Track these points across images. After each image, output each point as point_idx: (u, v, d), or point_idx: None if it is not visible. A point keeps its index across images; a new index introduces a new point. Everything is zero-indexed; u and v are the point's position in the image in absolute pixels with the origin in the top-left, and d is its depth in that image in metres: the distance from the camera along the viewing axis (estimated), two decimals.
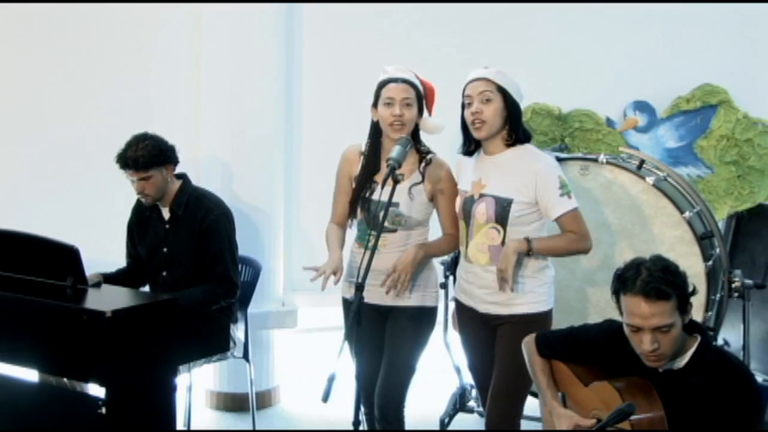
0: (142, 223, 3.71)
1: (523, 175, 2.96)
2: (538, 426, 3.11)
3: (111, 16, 4.25)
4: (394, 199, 3.03)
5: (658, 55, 4.60)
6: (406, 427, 3.17)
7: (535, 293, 3.00)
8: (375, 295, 3.09)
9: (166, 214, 3.64)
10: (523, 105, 3.05)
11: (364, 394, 3.11)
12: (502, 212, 2.96)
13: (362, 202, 3.16)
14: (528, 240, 2.93)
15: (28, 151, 4.29)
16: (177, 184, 3.63)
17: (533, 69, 4.38)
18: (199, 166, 3.94)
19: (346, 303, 3.26)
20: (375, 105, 3.14)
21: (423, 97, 3.14)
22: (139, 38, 4.30)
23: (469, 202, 3.04)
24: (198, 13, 4.27)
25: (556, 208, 2.95)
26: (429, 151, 3.18)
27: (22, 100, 4.26)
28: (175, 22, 4.32)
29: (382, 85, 3.12)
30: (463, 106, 3.03)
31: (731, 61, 4.62)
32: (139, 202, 3.70)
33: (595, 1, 4.55)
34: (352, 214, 3.21)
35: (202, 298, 3.50)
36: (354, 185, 3.20)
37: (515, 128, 3.00)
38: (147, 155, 3.46)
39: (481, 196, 3.01)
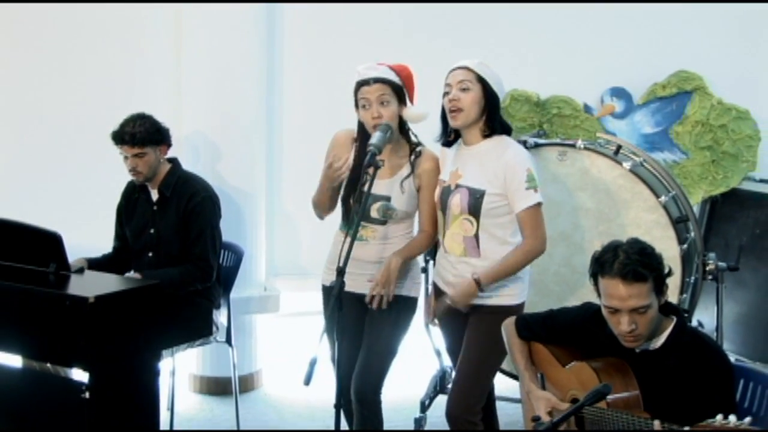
0: (130, 205, 3.74)
1: (494, 166, 2.96)
2: (518, 407, 3.17)
3: (95, 10, 4.23)
4: (386, 193, 3.07)
5: (634, 43, 4.65)
6: (386, 411, 3.19)
7: (507, 287, 3.01)
8: (357, 283, 3.10)
9: (154, 195, 3.68)
10: (503, 96, 3.07)
11: (340, 380, 3.09)
12: (475, 204, 2.97)
13: (355, 194, 3.10)
14: (476, 280, 2.94)
15: (11, 138, 4.27)
16: (167, 166, 3.68)
17: (512, 56, 4.42)
18: (180, 154, 3.95)
19: (326, 290, 3.26)
20: (356, 106, 3.12)
21: (401, 88, 3.09)
22: (123, 29, 4.29)
23: (446, 192, 3.06)
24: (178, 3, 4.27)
25: (521, 201, 2.93)
26: (419, 144, 3.16)
27: (5, 87, 4.23)
28: (157, 10, 4.30)
29: (357, 88, 3.09)
30: (443, 95, 3.03)
31: (706, 48, 4.67)
32: (128, 185, 3.75)
33: None
34: (344, 206, 3.18)
35: (179, 278, 3.52)
36: (346, 177, 3.15)
37: (492, 119, 3.00)
38: (144, 132, 3.54)
39: (457, 186, 3.02)
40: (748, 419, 2.05)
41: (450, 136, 3.09)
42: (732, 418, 2.05)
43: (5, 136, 4.26)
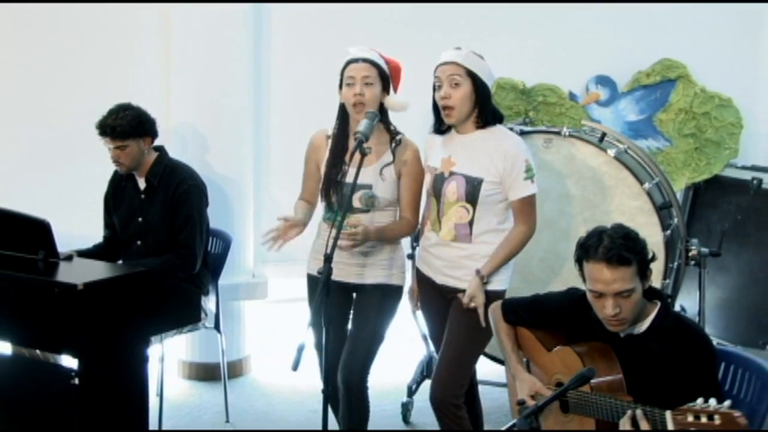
0: (117, 193, 3.73)
1: (492, 155, 3.00)
2: (502, 391, 3.21)
3: (85, 3, 4.21)
4: (367, 181, 3.08)
5: (619, 31, 4.67)
6: (373, 396, 3.22)
7: (495, 273, 3.05)
8: (343, 272, 3.12)
9: (141, 184, 3.68)
10: (492, 83, 3.10)
11: (327, 367, 3.05)
12: (472, 191, 3.01)
13: (334, 186, 3.16)
14: (480, 274, 2.98)
15: (1, 125, 4.25)
16: (154, 155, 3.67)
17: (498, 44, 4.43)
18: (168, 140, 3.95)
19: (311, 279, 3.28)
20: (340, 87, 3.15)
21: (387, 76, 3.14)
22: (113, 23, 4.27)
23: (439, 180, 3.09)
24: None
25: (519, 190, 3.00)
26: (398, 132, 3.20)
27: None
28: (146, 4, 4.28)
29: (345, 66, 3.13)
30: (434, 87, 3.06)
31: (690, 37, 4.71)
32: (115, 173, 3.74)
33: None
34: (326, 199, 3.21)
35: (160, 268, 3.51)
36: (324, 170, 3.21)
37: (485, 110, 3.04)
38: (125, 125, 3.51)
39: (452, 174, 3.05)
40: (727, 402, 2.09)
41: (443, 126, 3.12)
42: (712, 401, 2.09)
43: None
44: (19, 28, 4.22)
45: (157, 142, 3.72)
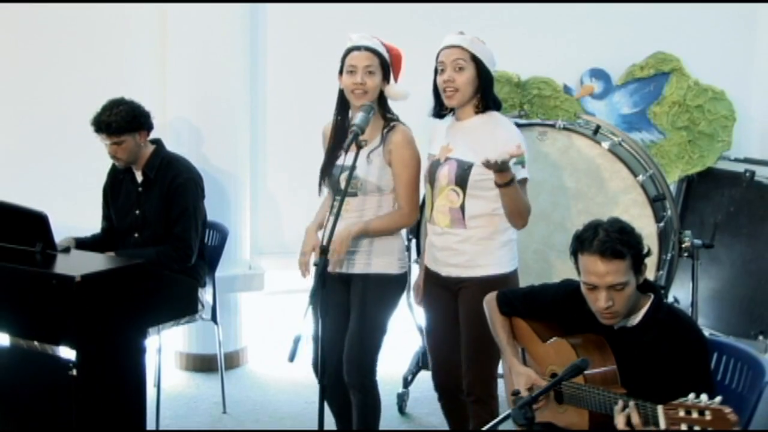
0: (115, 185, 3.74)
1: (486, 140, 2.98)
2: (499, 382, 3.23)
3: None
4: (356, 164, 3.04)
5: (613, 24, 4.69)
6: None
7: (493, 255, 3.04)
8: (340, 263, 3.10)
9: (139, 177, 3.69)
10: (494, 68, 3.11)
11: (323, 359, 3.02)
12: (462, 175, 2.99)
13: (333, 172, 3.15)
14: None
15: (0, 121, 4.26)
16: (150, 148, 3.68)
17: (492, 37, 4.42)
18: (164, 134, 3.97)
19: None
20: (341, 73, 3.14)
21: (388, 64, 3.13)
22: (110, 18, 4.29)
23: (434, 165, 3.09)
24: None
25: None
26: (395, 119, 3.16)
27: None
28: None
29: (346, 53, 3.11)
30: (435, 71, 3.06)
31: (684, 30, 4.73)
32: (113, 165, 3.74)
33: None
34: (322, 182, 3.21)
35: (155, 258, 3.51)
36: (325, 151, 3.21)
37: (486, 96, 3.04)
38: (120, 120, 3.51)
39: (447, 159, 3.05)
40: (718, 398, 2.11)
41: (443, 110, 3.11)
42: (704, 397, 2.11)
43: None
44: (18, 23, 4.22)
45: (153, 135, 3.73)
